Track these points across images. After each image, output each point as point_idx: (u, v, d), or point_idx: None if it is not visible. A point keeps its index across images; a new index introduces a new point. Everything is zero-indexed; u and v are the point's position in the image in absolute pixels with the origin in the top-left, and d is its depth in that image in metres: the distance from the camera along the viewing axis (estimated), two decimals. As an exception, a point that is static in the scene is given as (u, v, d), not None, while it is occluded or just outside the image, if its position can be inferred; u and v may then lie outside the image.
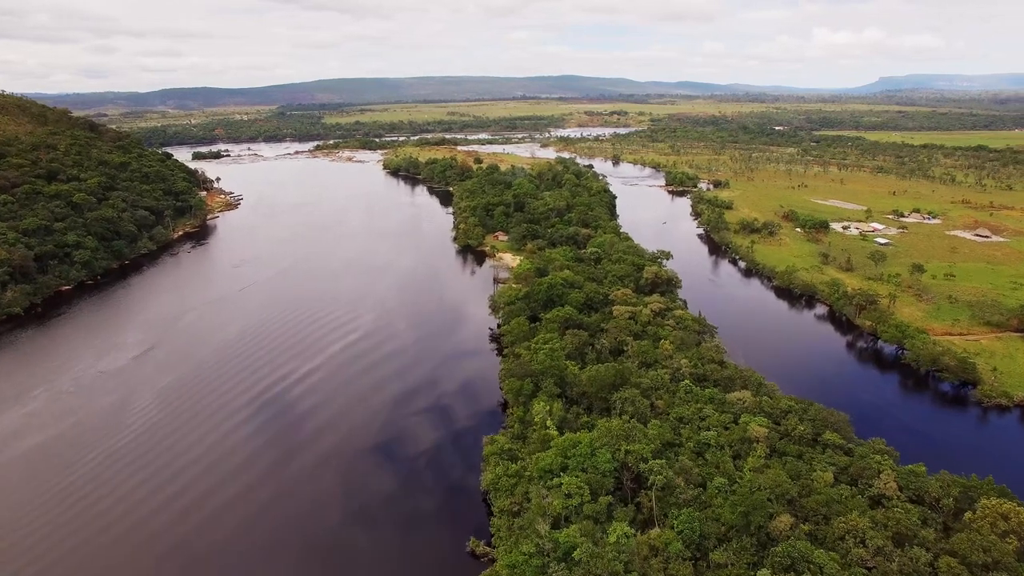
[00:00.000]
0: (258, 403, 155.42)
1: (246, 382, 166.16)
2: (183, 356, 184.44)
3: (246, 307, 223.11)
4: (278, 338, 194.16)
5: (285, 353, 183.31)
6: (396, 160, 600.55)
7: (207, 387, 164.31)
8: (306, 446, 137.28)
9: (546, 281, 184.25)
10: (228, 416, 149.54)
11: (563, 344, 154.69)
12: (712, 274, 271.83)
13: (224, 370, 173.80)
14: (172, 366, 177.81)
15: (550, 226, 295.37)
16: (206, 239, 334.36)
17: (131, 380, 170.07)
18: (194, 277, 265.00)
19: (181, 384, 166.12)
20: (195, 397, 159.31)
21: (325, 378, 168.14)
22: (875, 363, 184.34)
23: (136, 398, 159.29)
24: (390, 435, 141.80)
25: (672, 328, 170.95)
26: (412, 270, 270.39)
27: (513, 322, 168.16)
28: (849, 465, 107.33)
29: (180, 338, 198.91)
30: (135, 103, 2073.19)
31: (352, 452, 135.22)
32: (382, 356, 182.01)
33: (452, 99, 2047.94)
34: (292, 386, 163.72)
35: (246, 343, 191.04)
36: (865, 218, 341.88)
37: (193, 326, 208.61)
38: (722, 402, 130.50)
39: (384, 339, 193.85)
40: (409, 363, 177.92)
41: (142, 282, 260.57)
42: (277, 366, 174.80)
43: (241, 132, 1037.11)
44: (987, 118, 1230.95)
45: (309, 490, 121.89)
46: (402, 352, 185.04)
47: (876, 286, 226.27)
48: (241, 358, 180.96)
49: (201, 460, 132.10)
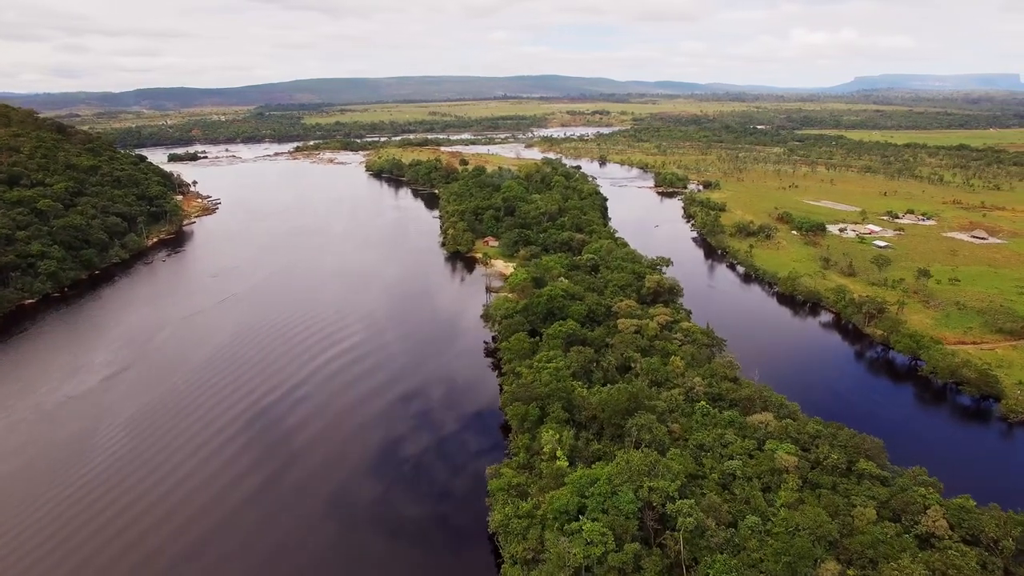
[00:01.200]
0: (238, 429, 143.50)
1: (225, 407, 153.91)
2: (157, 377, 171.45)
3: (225, 321, 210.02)
4: (260, 356, 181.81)
5: (268, 373, 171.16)
6: (379, 161, 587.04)
7: (183, 412, 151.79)
8: (291, 477, 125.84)
9: (546, 293, 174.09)
10: (205, 445, 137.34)
11: (567, 362, 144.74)
12: (711, 280, 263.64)
13: (201, 393, 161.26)
14: (145, 388, 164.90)
15: (542, 231, 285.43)
16: (182, 246, 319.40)
17: (100, 405, 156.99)
18: (170, 288, 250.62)
19: (155, 409, 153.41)
20: (170, 423, 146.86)
21: (311, 400, 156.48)
22: (889, 375, 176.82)
23: (105, 425, 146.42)
24: (383, 464, 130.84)
25: (680, 342, 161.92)
26: (400, 278, 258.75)
27: (513, 338, 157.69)
28: (890, 498, 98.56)
29: (154, 357, 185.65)
30: (109, 103, 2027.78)
31: (342, 485, 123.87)
32: (372, 375, 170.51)
33: (433, 99, 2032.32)
34: (276, 410, 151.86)
35: (225, 362, 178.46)
36: (861, 220, 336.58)
37: (168, 343, 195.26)
38: (743, 426, 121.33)
39: (373, 356, 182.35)
40: (401, 381, 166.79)
41: (113, 294, 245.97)
42: (260, 388, 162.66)
43: (219, 133, 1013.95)
44: (962, 117, 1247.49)
45: (294, 529, 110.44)
46: (393, 369, 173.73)
47: (883, 293, 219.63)
48: (220, 379, 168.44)
49: (174, 494, 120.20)
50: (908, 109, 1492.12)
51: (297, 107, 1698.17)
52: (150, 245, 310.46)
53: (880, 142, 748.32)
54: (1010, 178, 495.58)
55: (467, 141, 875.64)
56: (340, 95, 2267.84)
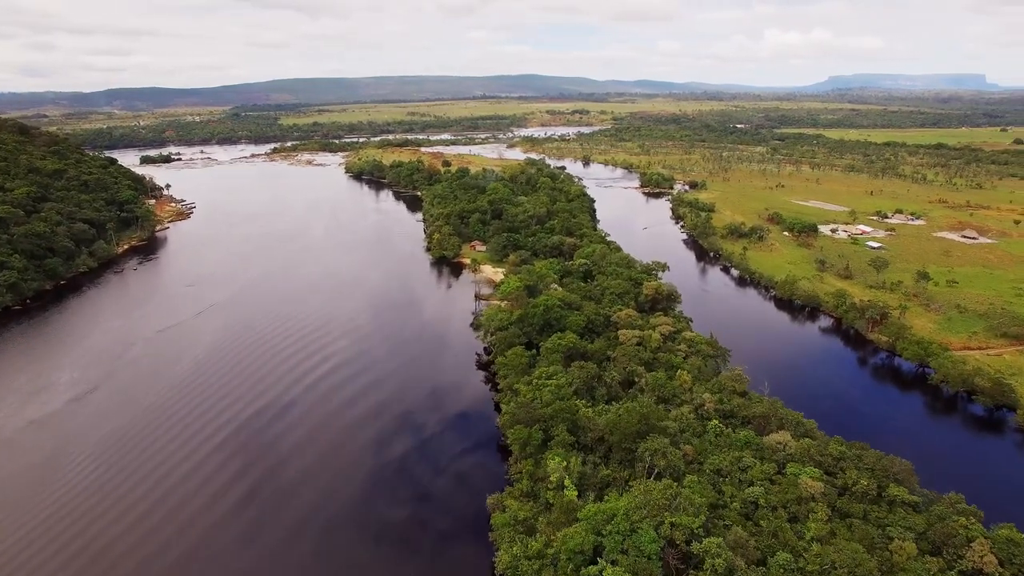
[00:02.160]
0: (216, 455, 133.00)
1: (202, 430, 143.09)
2: (129, 397, 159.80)
3: (202, 335, 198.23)
4: (239, 373, 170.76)
5: (248, 391, 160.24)
6: (359, 163, 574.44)
7: (156, 436, 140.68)
8: (273, 509, 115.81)
9: (541, 303, 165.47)
10: (179, 474, 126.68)
11: (569, 378, 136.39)
12: (705, 283, 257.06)
13: (176, 415, 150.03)
14: (115, 410, 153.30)
15: (531, 234, 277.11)
16: (155, 253, 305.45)
17: (65, 430, 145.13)
18: (142, 299, 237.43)
19: (125, 433, 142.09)
20: (142, 449, 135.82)
21: (296, 421, 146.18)
22: (896, 383, 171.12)
23: (70, 453, 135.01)
24: (373, 492, 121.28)
25: (685, 354, 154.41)
26: (385, 286, 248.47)
27: (509, 353, 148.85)
28: (927, 528, 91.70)
29: (125, 375, 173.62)
30: (78, 103, 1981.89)
31: (330, 518, 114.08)
32: (359, 391, 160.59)
33: (411, 99, 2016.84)
34: (257, 433, 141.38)
35: (202, 380, 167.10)
36: (851, 220, 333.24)
37: (141, 359, 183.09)
38: (760, 447, 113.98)
39: (359, 371, 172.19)
40: (390, 399, 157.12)
41: (81, 306, 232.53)
42: (239, 409, 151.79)
43: (193, 134, 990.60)
44: (934, 116, 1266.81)
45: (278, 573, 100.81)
46: (381, 386, 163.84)
47: (882, 296, 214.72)
48: (197, 399, 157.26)
49: (145, 524, 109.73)
50: (883, 108, 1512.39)
51: (274, 107, 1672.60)
52: (120, 253, 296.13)
53: (860, 141, 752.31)
54: (990, 176, 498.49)
55: (447, 141, 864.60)
56: (318, 95, 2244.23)
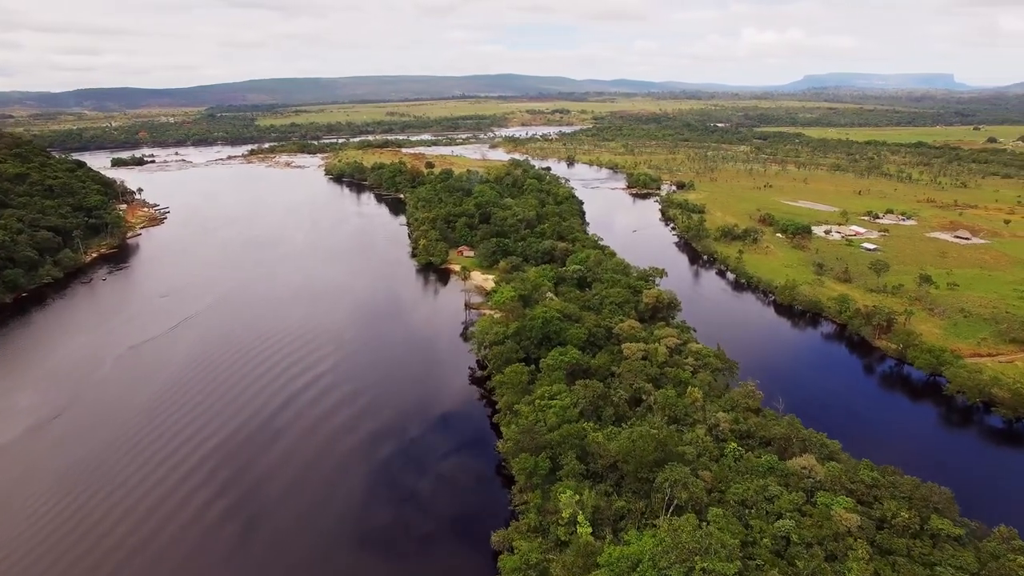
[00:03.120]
0: (193, 486, 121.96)
1: (177, 458, 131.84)
2: (96, 422, 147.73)
3: (176, 352, 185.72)
4: (217, 393, 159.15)
5: (226, 413, 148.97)
6: (339, 165, 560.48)
7: (126, 470, 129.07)
8: (257, 547, 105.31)
9: (539, 315, 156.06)
10: (152, 508, 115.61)
11: (573, 398, 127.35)
12: (700, 288, 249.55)
13: (148, 442, 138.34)
14: (81, 437, 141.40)
15: (520, 239, 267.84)
16: (126, 262, 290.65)
17: (24, 461, 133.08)
18: (111, 312, 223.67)
19: (92, 464, 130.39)
20: (110, 481, 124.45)
21: (279, 449, 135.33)
22: (908, 393, 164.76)
23: (30, 487, 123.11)
24: (363, 525, 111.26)
25: (692, 368, 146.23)
26: (370, 295, 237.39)
27: (508, 371, 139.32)
28: (980, 569, 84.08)
29: (92, 397, 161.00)
30: (47, 104, 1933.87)
31: (316, 563, 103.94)
32: (346, 415, 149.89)
33: (389, 99, 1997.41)
34: (236, 460, 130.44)
35: (176, 404, 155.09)
36: (844, 221, 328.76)
37: (110, 380, 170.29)
38: (785, 473, 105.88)
39: (346, 391, 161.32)
40: (379, 421, 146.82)
41: (45, 320, 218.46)
42: (216, 433, 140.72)
43: (167, 135, 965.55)
44: (909, 115, 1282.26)
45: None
46: (370, 408, 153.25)
47: (885, 300, 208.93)
48: (171, 424, 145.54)
49: (111, 562, 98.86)
50: (859, 107, 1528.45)
51: (250, 108, 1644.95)
52: (88, 261, 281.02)
53: (842, 140, 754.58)
54: (973, 175, 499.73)
55: (428, 142, 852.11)
56: (295, 95, 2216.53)
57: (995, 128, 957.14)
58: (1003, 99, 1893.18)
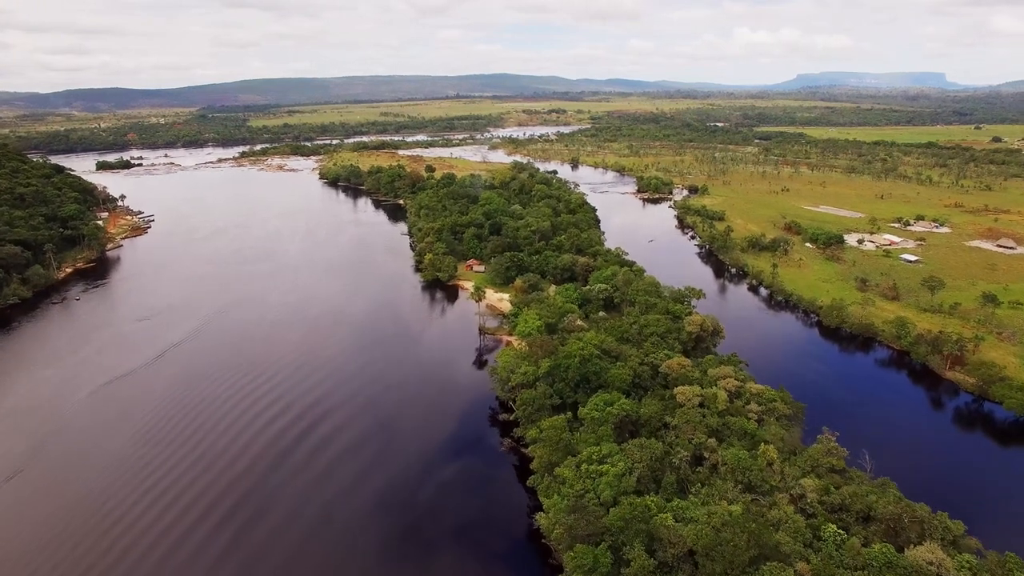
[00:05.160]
0: (177, 565, 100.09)
1: (156, 529, 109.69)
2: (62, 479, 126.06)
3: (154, 391, 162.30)
4: (203, 446, 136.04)
5: (214, 471, 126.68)
6: (334, 168, 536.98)
7: (96, 534, 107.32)
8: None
9: (576, 353, 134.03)
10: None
11: (627, 462, 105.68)
12: (731, 305, 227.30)
13: (122, 508, 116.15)
14: (44, 497, 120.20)
15: (534, 252, 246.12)
16: (104, 278, 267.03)
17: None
18: (83, 339, 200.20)
19: (56, 531, 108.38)
20: (78, 552, 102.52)
21: (273, 520, 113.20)
22: (996, 437, 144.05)
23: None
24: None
25: (757, 415, 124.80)
26: (373, 318, 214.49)
27: (546, 425, 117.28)
28: None
29: (58, 448, 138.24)
30: (35, 104, 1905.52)
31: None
32: (347, 470, 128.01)
33: (384, 99, 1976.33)
34: (226, 534, 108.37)
35: (156, 457, 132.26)
36: (875, 229, 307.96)
37: (78, 427, 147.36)
38: (906, 570, 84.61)
39: (347, 437, 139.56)
40: (387, 478, 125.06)
41: (7, 349, 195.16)
42: (201, 499, 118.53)
43: (157, 137, 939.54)
44: (907, 114, 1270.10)
45: None
46: (376, 458, 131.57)
47: (947, 323, 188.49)
48: (149, 485, 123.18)
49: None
50: (856, 106, 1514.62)
51: (242, 108, 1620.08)
52: (62, 278, 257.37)
53: (851, 140, 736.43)
54: (995, 177, 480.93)
55: (424, 143, 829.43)
56: (288, 96, 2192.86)
57: (997, 127, 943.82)
58: (998, 98, 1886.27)
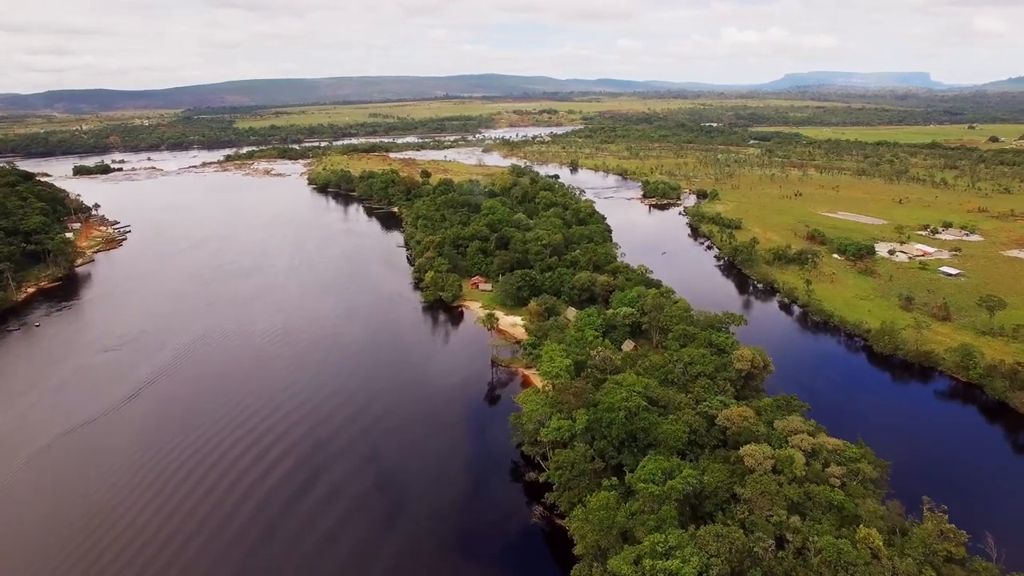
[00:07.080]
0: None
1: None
2: (10, 556, 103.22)
3: (118, 444, 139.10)
4: (177, 517, 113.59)
5: (192, 547, 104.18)
6: (324, 173, 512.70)
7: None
8: None
9: (621, 405, 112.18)
10: None
11: (701, 557, 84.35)
12: (762, 326, 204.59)
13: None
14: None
15: (546, 268, 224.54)
16: (71, 299, 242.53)
17: None
18: (40, 375, 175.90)
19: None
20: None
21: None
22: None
23: None
24: None
25: (841, 480, 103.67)
26: (371, 346, 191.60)
27: (592, 503, 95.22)
28: None
29: (4, 518, 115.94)
30: (16, 106, 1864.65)
31: None
32: (348, 536, 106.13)
33: (371, 100, 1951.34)
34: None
35: (119, 530, 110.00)
36: (905, 238, 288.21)
37: (26, 493, 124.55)
38: None
39: (344, 499, 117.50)
40: (396, 551, 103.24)
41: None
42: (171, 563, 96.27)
43: (140, 139, 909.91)
44: (899, 114, 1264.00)
45: None
46: (382, 524, 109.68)
47: (1018, 350, 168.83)
48: (109, 556, 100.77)
49: None
50: (846, 105, 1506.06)
51: (228, 110, 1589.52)
52: (23, 299, 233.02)
53: (855, 141, 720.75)
54: (1011, 179, 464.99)
55: (415, 145, 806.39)
56: (275, 97, 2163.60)
57: (991, 127, 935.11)
58: (984, 97, 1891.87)
